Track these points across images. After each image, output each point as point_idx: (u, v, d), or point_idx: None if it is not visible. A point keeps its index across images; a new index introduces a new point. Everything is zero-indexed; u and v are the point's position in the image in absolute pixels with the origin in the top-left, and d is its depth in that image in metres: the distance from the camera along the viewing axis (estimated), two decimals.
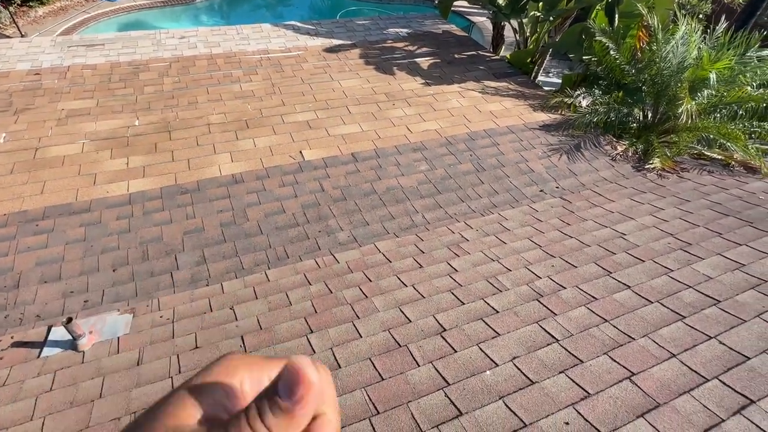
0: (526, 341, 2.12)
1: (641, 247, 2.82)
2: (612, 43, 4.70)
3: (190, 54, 5.49)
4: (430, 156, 4.03)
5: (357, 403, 1.84)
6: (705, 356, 1.94)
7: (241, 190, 3.52)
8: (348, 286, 2.63)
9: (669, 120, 4.57)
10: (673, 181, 3.78)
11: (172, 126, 4.17)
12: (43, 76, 4.83)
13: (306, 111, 4.52)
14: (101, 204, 3.30)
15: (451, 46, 6.21)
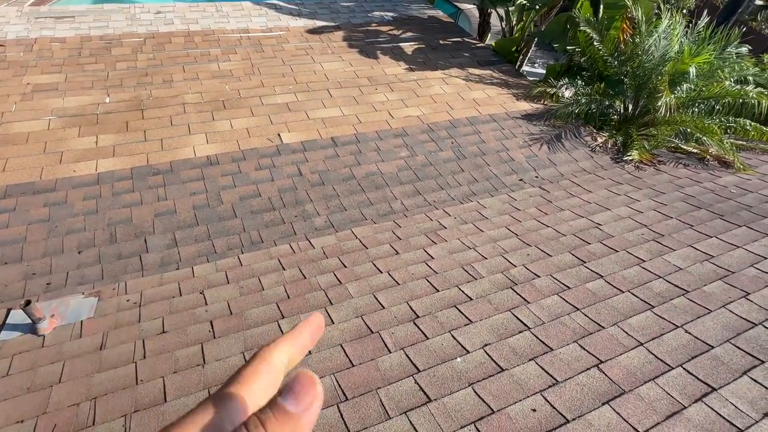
0: (498, 329, 2.12)
1: (615, 237, 2.85)
2: (596, 34, 4.70)
3: (166, 30, 5.28)
4: (411, 142, 3.98)
5: (325, 389, 1.82)
6: (671, 345, 1.97)
7: (215, 172, 3.42)
8: (322, 272, 2.59)
9: (648, 113, 4.61)
10: (649, 174, 3.82)
11: (145, 104, 4.02)
12: (8, 48, 4.59)
13: (286, 93, 4.41)
14: (67, 183, 3.17)
15: (437, 32, 6.13)
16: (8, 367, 1.99)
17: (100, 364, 2.00)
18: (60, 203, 3.02)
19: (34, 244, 2.76)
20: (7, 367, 1.99)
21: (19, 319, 2.24)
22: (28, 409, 1.79)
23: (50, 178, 3.18)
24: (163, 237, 2.92)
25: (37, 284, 2.55)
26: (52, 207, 2.98)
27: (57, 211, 2.96)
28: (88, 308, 2.35)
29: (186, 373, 1.92)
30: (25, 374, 1.95)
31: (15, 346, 2.11)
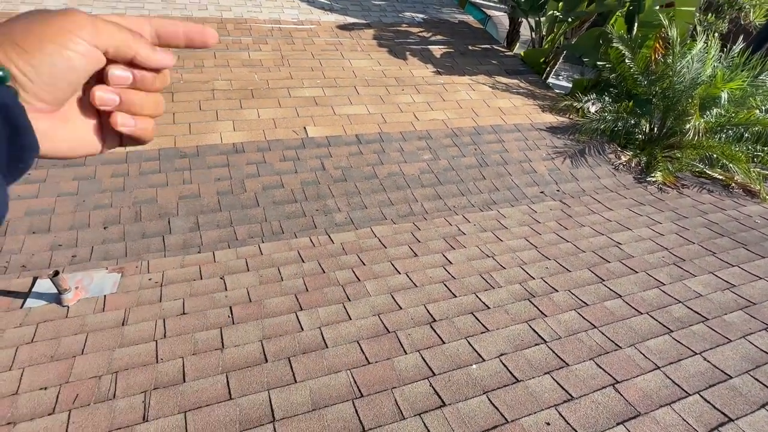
0: (515, 339, 2.12)
1: (636, 258, 2.83)
2: (628, 51, 4.66)
3: (199, 15, 5.34)
4: (435, 146, 3.99)
5: (341, 384, 1.84)
6: (689, 371, 1.96)
7: (241, 160, 3.46)
8: (341, 268, 2.61)
9: (675, 135, 4.56)
10: (672, 196, 3.79)
11: (175, 87, 4.07)
12: None
13: (313, 87, 4.44)
14: (97, 159, 3.22)
15: (466, 37, 6.12)
16: (33, 335, 2.04)
17: (122, 339, 2.04)
18: (89, 178, 3.07)
19: (61, 216, 2.82)
20: (32, 334, 2.04)
21: (45, 288, 2.29)
22: (51, 377, 1.84)
23: None
24: (186, 220, 2.96)
25: (62, 256, 2.60)
26: (81, 181, 3.04)
27: (85, 186, 3.02)
28: (111, 283, 2.40)
29: (205, 355, 1.96)
30: (48, 343, 2.00)
31: (40, 315, 2.16)
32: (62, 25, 0.32)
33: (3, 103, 0.29)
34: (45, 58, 0.31)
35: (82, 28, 0.33)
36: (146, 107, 0.39)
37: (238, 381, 1.84)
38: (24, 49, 0.31)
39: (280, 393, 1.79)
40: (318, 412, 1.72)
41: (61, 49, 0.32)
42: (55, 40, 0.32)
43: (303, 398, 1.77)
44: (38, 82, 0.32)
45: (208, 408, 1.72)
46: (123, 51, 0.35)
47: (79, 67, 0.33)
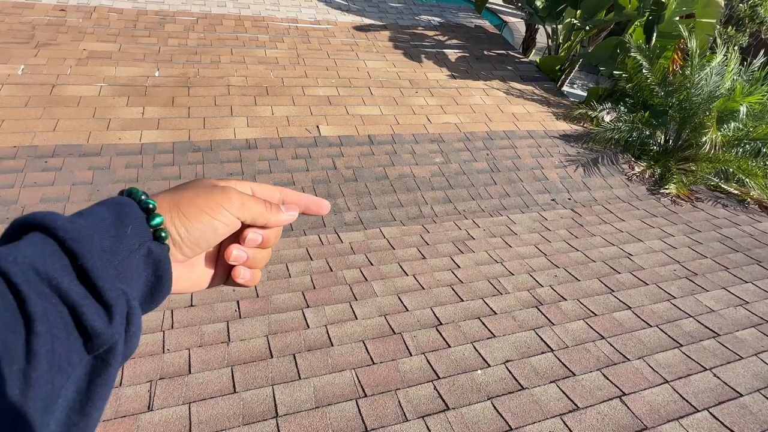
0: (521, 347, 2.11)
1: (647, 270, 2.80)
2: (646, 61, 4.62)
3: (218, 12, 5.40)
4: (447, 149, 3.98)
5: (345, 382, 1.84)
6: (698, 387, 1.93)
7: (253, 156, 3.49)
8: (349, 267, 2.61)
9: (690, 147, 4.51)
10: (686, 209, 3.74)
11: (192, 82, 4.12)
12: (69, 13, 4.75)
13: (328, 86, 4.46)
14: (112, 150, 3.27)
15: (482, 42, 6.11)
16: None
17: None
18: (104, 168, 3.12)
19: (75, 204, 2.85)
20: None
21: None
22: None
23: (97, 142, 3.29)
24: None
25: None
26: (96, 171, 3.08)
27: (100, 176, 3.06)
28: None
29: (211, 348, 1.97)
30: None
31: None
32: (217, 201, 0.39)
33: (158, 258, 0.36)
34: (198, 225, 0.39)
35: (231, 204, 0.40)
36: (262, 261, 0.46)
37: (242, 375, 1.84)
38: (186, 217, 0.38)
39: (284, 389, 1.79)
40: (321, 409, 1.72)
41: (212, 220, 0.39)
42: (209, 212, 0.39)
43: (307, 395, 1.77)
44: (187, 242, 0.39)
45: (213, 400, 1.73)
46: (258, 221, 0.43)
47: (221, 233, 0.40)
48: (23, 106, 3.43)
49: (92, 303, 0.30)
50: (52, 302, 0.28)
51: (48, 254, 0.30)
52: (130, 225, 0.35)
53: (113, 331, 0.30)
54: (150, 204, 0.37)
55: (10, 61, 3.84)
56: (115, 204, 0.36)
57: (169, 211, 0.38)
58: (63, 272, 0.30)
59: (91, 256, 0.31)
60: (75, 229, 0.31)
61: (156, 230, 0.36)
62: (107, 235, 0.33)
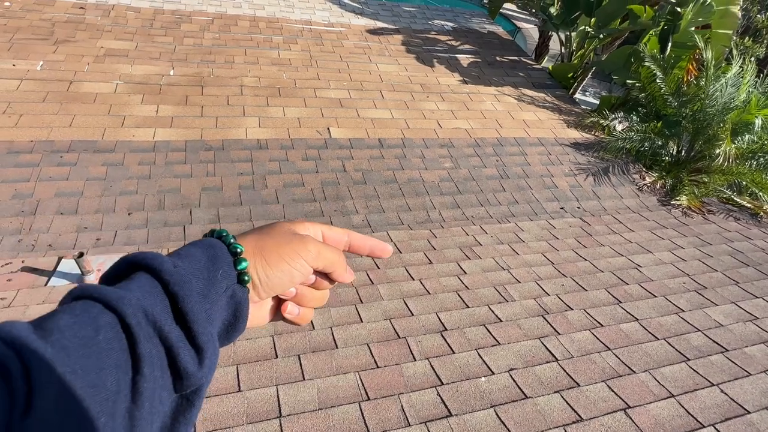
0: (525, 355, 2.10)
1: (655, 281, 2.77)
2: (660, 71, 4.58)
3: (233, 13, 5.46)
4: (456, 154, 3.99)
5: (349, 385, 1.85)
6: (704, 402, 1.91)
7: (264, 156, 3.52)
8: (355, 269, 2.62)
9: (703, 159, 4.46)
10: (697, 222, 3.70)
11: (205, 81, 4.17)
12: (88, 10, 4.84)
13: (339, 89, 4.48)
14: (126, 147, 3.32)
15: (494, 48, 6.11)
16: None
17: None
18: (117, 164, 3.16)
19: (89, 199, 2.90)
20: None
21: (68, 269, 2.36)
22: None
23: (111, 139, 3.34)
24: (207, 211, 3.02)
25: (87, 238, 2.68)
26: (110, 167, 3.13)
27: (113, 172, 3.11)
28: None
29: None
30: None
31: (62, 293, 2.22)
32: (296, 249, 0.42)
33: (239, 300, 0.38)
34: (277, 273, 0.41)
35: (309, 253, 0.42)
36: (314, 301, 0.47)
37: (247, 374, 1.86)
38: (267, 263, 0.41)
39: (288, 389, 1.80)
40: (324, 411, 1.73)
41: (290, 267, 0.42)
42: (288, 260, 0.41)
43: (310, 396, 1.78)
44: (266, 287, 0.41)
45: (218, 398, 1.74)
46: (327, 268, 0.45)
47: (296, 280, 0.43)
48: (41, 102, 3.50)
49: (187, 346, 0.32)
50: (154, 343, 0.30)
51: (153, 296, 0.32)
52: (220, 269, 0.37)
53: (202, 374, 0.33)
54: (238, 248, 0.39)
55: (30, 57, 3.92)
56: (208, 246, 0.39)
57: (254, 256, 0.40)
58: (164, 314, 0.32)
59: (190, 300, 0.33)
60: (178, 273, 0.34)
61: (240, 273, 0.39)
62: (201, 277, 0.36)
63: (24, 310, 2.09)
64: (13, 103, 3.41)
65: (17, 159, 3.01)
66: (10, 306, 2.10)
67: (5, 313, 2.07)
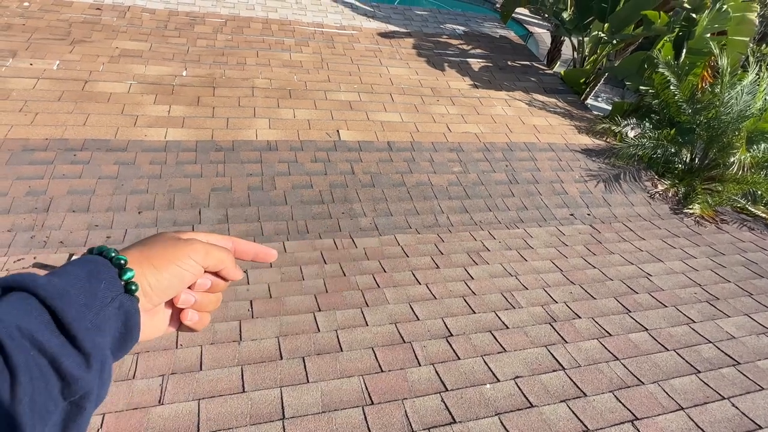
0: (532, 363, 2.08)
1: (666, 291, 2.73)
2: (674, 77, 4.52)
3: (246, 15, 5.51)
4: (465, 159, 3.97)
5: (353, 389, 1.84)
6: (715, 416, 1.87)
7: (273, 157, 3.53)
8: (362, 273, 2.62)
9: (717, 167, 4.39)
10: (710, 231, 3.64)
11: (217, 82, 4.21)
12: (104, 11, 4.92)
13: (350, 91, 4.50)
14: (137, 146, 3.36)
15: (506, 52, 6.08)
16: None
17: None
18: (129, 163, 3.20)
19: (100, 197, 2.94)
20: None
21: None
22: None
23: (123, 138, 3.38)
24: (216, 212, 3.04)
25: (98, 235, 2.71)
26: (122, 166, 3.17)
27: (125, 171, 3.15)
28: None
29: (222, 346, 2.00)
30: None
31: None
32: (184, 251, 0.43)
33: (128, 309, 0.39)
34: (166, 275, 0.42)
35: (197, 253, 0.43)
36: (210, 305, 0.48)
37: (252, 375, 1.86)
38: (156, 268, 0.41)
39: (292, 391, 1.80)
40: (327, 414, 1.73)
41: (179, 269, 0.42)
42: (176, 262, 0.42)
43: (314, 399, 1.78)
44: (157, 291, 0.42)
45: (222, 398, 1.75)
46: (217, 266, 0.46)
47: (187, 280, 0.44)
48: (56, 100, 3.56)
49: (72, 352, 0.33)
50: (31, 354, 0.31)
51: (29, 311, 0.32)
52: (103, 281, 0.38)
53: (90, 377, 0.33)
54: (122, 260, 0.40)
55: (47, 57, 3.99)
56: (88, 261, 0.39)
57: (140, 264, 0.41)
58: (43, 327, 0.32)
59: (70, 310, 0.34)
60: (53, 287, 0.34)
61: (127, 283, 0.39)
62: (82, 290, 0.36)
63: None
64: (29, 102, 3.47)
65: (32, 156, 3.06)
66: None
67: None
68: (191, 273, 0.43)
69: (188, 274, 0.43)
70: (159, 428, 1.62)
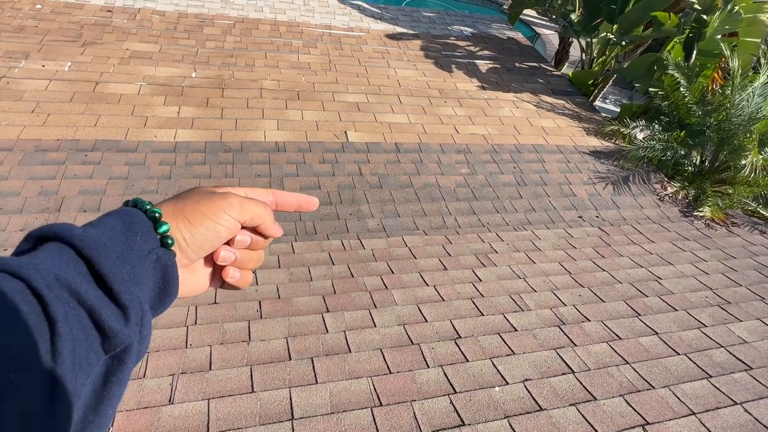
0: (541, 366, 2.07)
1: (676, 294, 2.71)
2: (684, 79, 4.49)
3: (255, 17, 5.54)
4: (473, 160, 3.96)
5: (361, 390, 1.84)
6: (727, 421, 1.85)
7: (281, 158, 3.55)
8: (370, 274, 2.62)
9: (728, 170, 4.35)
10: (720, 234, 3.61)
11: (226, 84, 4.23)
12: (115, 14, 4.97)
13: (357, 93, 4.51)
14: (148, 147, 3.38)
15: (514, 54, 6.07)
16: None
17: (155, 321, 2.11)
18: (139, 164, 3.23)
19: (111, 197, 2.97)
20: None
21: None
22: None
23: (134, 139, 3.42)
24: None
25: None
26: (132, 166, 3.20)
27: (135, 171, 3.17)
28: None
29: (232, 346, 2.01)
30: None
31: None
32: (219, 205, 0.41)
33: (165, 264, 0.38)
34: (201, 230, 0.40)
35: (232, 207, 0.42)
36: (252, 262, 0.46)
37: (261, 375, 1.87)
38: (190, 222, 0.40)
39: (300, 392, 1.81)
40: (336, 415, 1.73)
41: (215, 224, 0.41)
42: (211, 216, 0.41)
43: (322, 400, 1.78)
44: (192, 246, 0.41)
45: (231, 398, 1.76)
46: (255, 221, 0.44)
47: (223, 236, 0.42)
48: (68, 101, 3.60)
49: (109, 305, 0.32)
50: (71, 306, 0.30)
51: (65, 261, 0.31)
52: (139, 233, 0.37)
53: (129, 331, 0.32)
54: (156, 213, 0.39)
55: (59, 58, 4.03)
56: (123, 214, 0.38)
57: (174, 218, 0.40)
58: (81, 278, 0.31)
59: (107, 262, 0.33)
60: (90, 237, 0.33)
61: (163, 237, 0.38)
62: (118, 242, 0.35)
63: None
64: (41, 103, 3.51)
65: (44, 157, 3.10)
66: None
67: None
68: (226, 228, 0.42)
69: (223, 229, 0.41)
70: (169, 427, 1.63)
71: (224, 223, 0.41)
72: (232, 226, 0.42)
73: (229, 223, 0.42)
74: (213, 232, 0.41)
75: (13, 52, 3.99)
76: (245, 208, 0.43)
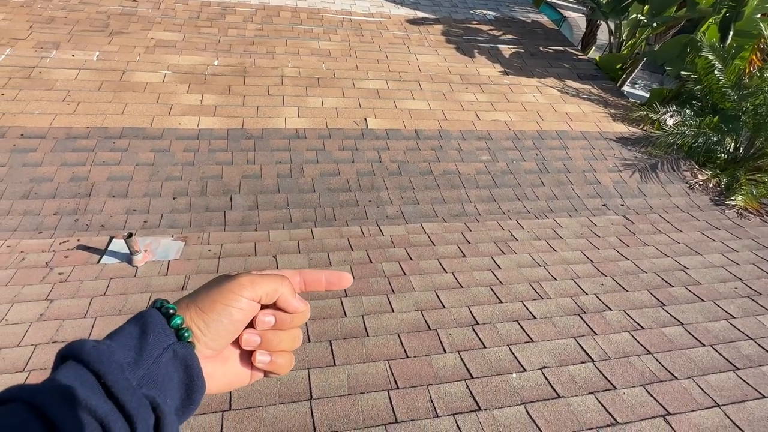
0: (560, 354, 2.05)
1: (704, 285, 2.63)
2: (719, 61, 4.29)
3: (276, 4, 5.55)
4: (494, 147, 3.90)
5: (379, 373, 1.87)
6: (753, 414, 1.80)
7: (302, 145, 3.58)
8: (388, 260, 2.64)
9: (764, 157, 4.16)
10: (753, 224, 3.47)
11: (247, 71, 4.27)
12: (140, 3, 5.05)
13: (378, 79, 4.48)
14: (172, 134, 3.46)
15: (538, 37, 5.90)
16: (106, 289, 2.24)
17: None
18: (164, 151, 3.31)
19: (138, 183, 3.06)
20: (105, 288, 2.24)
21: (118, 248, 2.51)
22: None
23: (159, 126, 3.50)
24: (247, 198, 3.11)
25: (135, 220, 2.83)
26: (157, 153, 3.28)
27: (160, 158, 3.26)
28: (175, 250, 2.58)
29: None
30: (118, 297, 2.19)
31: (112, 271, 2.37)
32: (229, 288, 0.41)
33: (184, 356, 0.38)
34: (214, 316, 0.40)
35: (242, 287, 0.41)
36: (283, 344, 0.45)
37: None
38: (202, 310, 0.40)
39: (319, 373, 1.85)
40: (354, 396, 1.76)
41: (227, 308, 0.40)
42: (221, 300, 0.40)
43: (341, 381, 1.82)
44: (208, 334, 0.40)
45: None
46: (271, 297, 0.43)
47: (239, 319, 0.41)
48: (96, 90, 3.70)
49: (118, 417, 0.33)
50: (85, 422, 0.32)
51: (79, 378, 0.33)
52: (151, 333, 0.37)
53: None
54: (171, 309, 0.40)
55: (87, 48, 4.14)
56: (140, 317, 0.39)
57: (188, 309, 0.40)
58: (92, 392, 0.33)
59: (111, 373, 0.34)
60: (97, 351, 0.35)
61: (178, 330, 0.39)
62: (132, 348, 0.36)
63: (78, 285, 2.24)
64: (72, 92, 3.63)
65: (75, 144, 3.21)
66: (67, 281, 2.26)
67: (63, 287, 2.22)
68: (239, 309, 0.41)
69: (236, 311, 0.41)
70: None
71: (236, 305, 0.41)
72: (245, 307, 0.41)
73: (242, 303, 0.41)
74: (226, 316, 0.40)
75: (44, 43, 4.12)
76: (256, 285, 0.42)
